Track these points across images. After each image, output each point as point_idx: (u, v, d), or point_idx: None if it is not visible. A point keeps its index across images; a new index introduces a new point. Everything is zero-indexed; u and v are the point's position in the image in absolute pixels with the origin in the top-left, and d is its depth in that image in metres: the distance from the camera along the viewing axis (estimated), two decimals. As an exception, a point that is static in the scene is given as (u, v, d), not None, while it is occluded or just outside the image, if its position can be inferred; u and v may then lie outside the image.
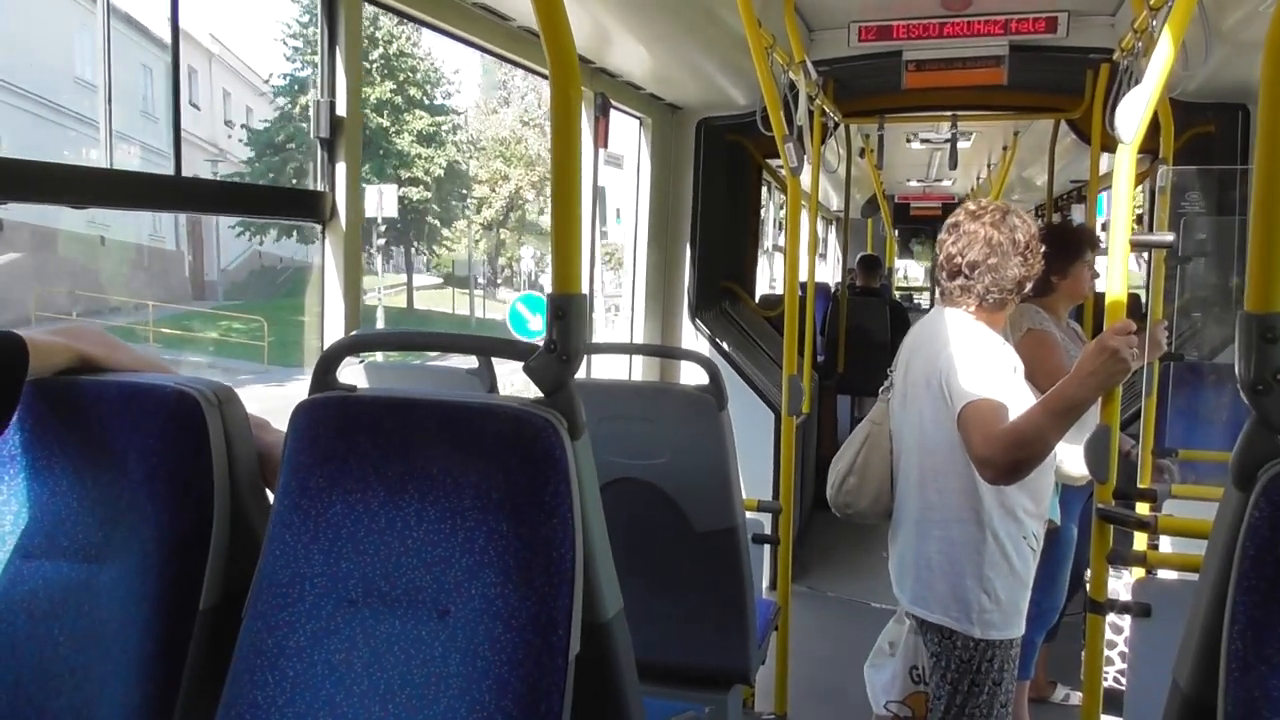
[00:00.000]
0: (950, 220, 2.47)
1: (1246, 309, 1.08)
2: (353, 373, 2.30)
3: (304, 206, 2.32)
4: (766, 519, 3.28)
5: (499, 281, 37.25)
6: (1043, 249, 2.41)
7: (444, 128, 30.49)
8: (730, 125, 4.85)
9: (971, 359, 2.27)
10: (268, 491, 1.50)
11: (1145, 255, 3.65)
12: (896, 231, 11.16)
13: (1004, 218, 2.38)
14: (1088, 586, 2.35)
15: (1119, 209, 2.19)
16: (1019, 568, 2.37)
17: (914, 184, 10.70)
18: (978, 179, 9.81)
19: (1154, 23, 2.53)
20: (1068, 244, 3.28)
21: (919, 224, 12.66)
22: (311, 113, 2.31)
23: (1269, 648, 1.01)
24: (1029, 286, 2.42)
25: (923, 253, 16.08)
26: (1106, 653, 3.37)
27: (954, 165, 5.76)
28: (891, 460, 2.55)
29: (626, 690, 1.42)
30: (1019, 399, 2.27)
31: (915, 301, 13.14)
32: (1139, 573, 2.80)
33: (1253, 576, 1.02)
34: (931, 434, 2.37)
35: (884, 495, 2.55)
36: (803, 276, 4.06)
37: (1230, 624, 1.03)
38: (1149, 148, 3.84)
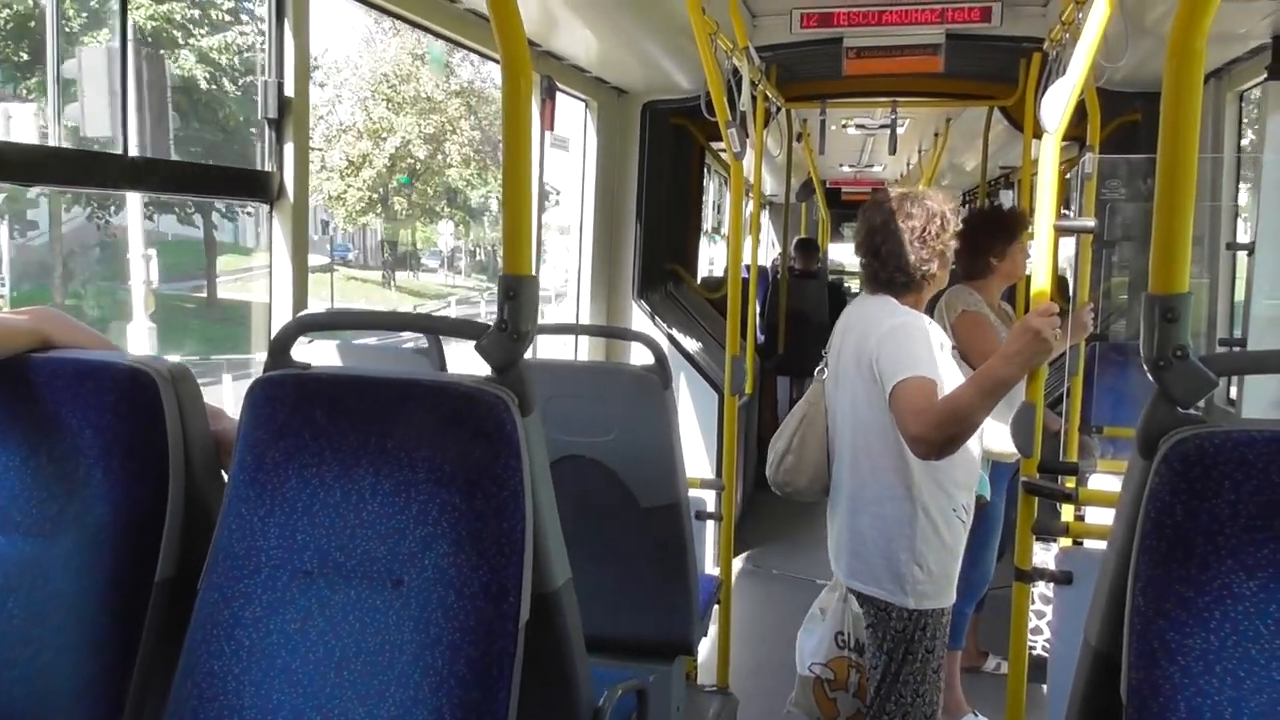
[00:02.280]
0: (861, 208, 2.56)
1: (1150, 290, 1.16)
2: (315, 351, 2.31)
3: (252, 186, 2.33)
4: (711, 496, 3.35)
5: (415, 263, 31.89)
6: (950, 231, 2.48)
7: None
8: (675, 109, 4.90)
9: (900, 340, 2.35)
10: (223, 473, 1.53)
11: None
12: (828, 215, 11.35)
13: (901, 204, 2.47)
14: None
15: (1043, 195, 2.28)
16: (949, 539, 2.45)
17: (846, 169, 10.85)
18: (908, 164, 9.98)
19: (1080, 15, 2.62)
20: (1003, 227, 3.38)
21: (850, 208, 12.92)
22: (260, 93, 2.31)
23: (1167, 603, 1.09)
24: (934, 269, 2.47)
25: (853, 236, 16.45)
26: (1037, 623, 3.52)
27: (893, 150, 5.89)
28: (828, 439, 2.62)
29: (574, 656, 1.48)
30: (948, 375, 2.35)
31: (847, 285, 13.42)
32: (1067, 543, 2.93)
33: (1153, 538, 1.11)
34: (864, 414, 2.44)
35: (821, 473, 2.62)
36: (745, 259, 4.12)
37: (1133, 582, 1.12)
38: (1077, 135, 3.98)
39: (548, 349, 4.37)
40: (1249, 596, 1.07)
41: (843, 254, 16.23)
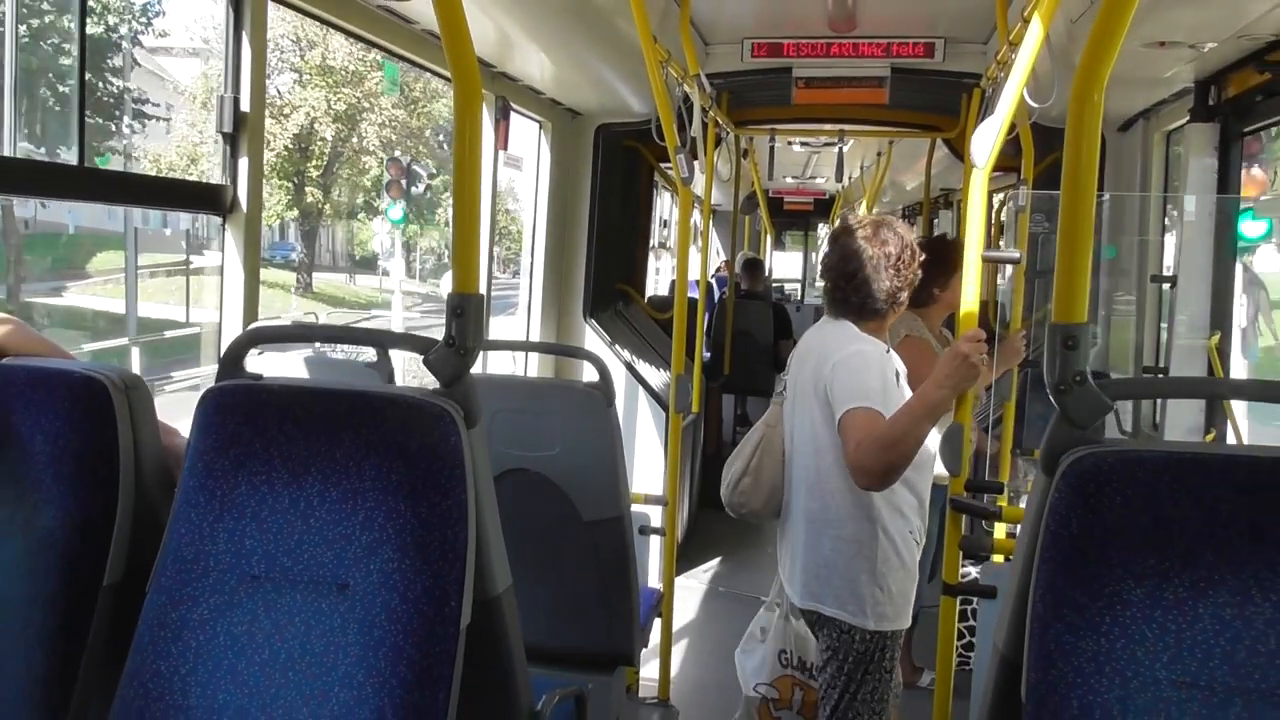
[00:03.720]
0: (832, 233, 2.59)
1: (1052, 320, 1.26)
2: (279, 361, 2.33)
3: (205, 199, 2.36)
4: (656, 512, 3.41)
5: (354, 265, 28.51)
6: (918, 260, 2.52)
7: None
8: (627, 131, 4.98)
9: (853, 368, 2.38)
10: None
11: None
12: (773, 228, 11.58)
13: (876, 231, 2.49)
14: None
15: (972, 226, 2.38)
16: (908, 560, 2.50)
17: (789, 180, 11.04)
18: (849, 178, 10.20)
19: (1014, 56, 2.74)
20: (946, 257, 3.47)
21: (792, 217, 13.28)
22: (215, 108, 2.34)
23: (1063, 609, 1.18)
24: (904, 296, 2.51)
25: (795, 245, 16.84)
26: (971, 638, 3.62)
27: (840, 178, 6.03)
28: (784, 462, 2.64)
29: (514, 660, 1.54)
30: (901, 403, 2.38)
31: (788, 293, 13.68)
32: (1000, 560, 3.03)
33: (1052, 549, 1.19)
34: (822, 436, 2.47)
35: (777, 495, 2.65)
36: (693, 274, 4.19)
37: (1034, 590, 1.20)
38: (1015, 167, 4.12)
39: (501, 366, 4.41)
40: (1136, 602, 1.16)
41: (783, 264, 16.55)
